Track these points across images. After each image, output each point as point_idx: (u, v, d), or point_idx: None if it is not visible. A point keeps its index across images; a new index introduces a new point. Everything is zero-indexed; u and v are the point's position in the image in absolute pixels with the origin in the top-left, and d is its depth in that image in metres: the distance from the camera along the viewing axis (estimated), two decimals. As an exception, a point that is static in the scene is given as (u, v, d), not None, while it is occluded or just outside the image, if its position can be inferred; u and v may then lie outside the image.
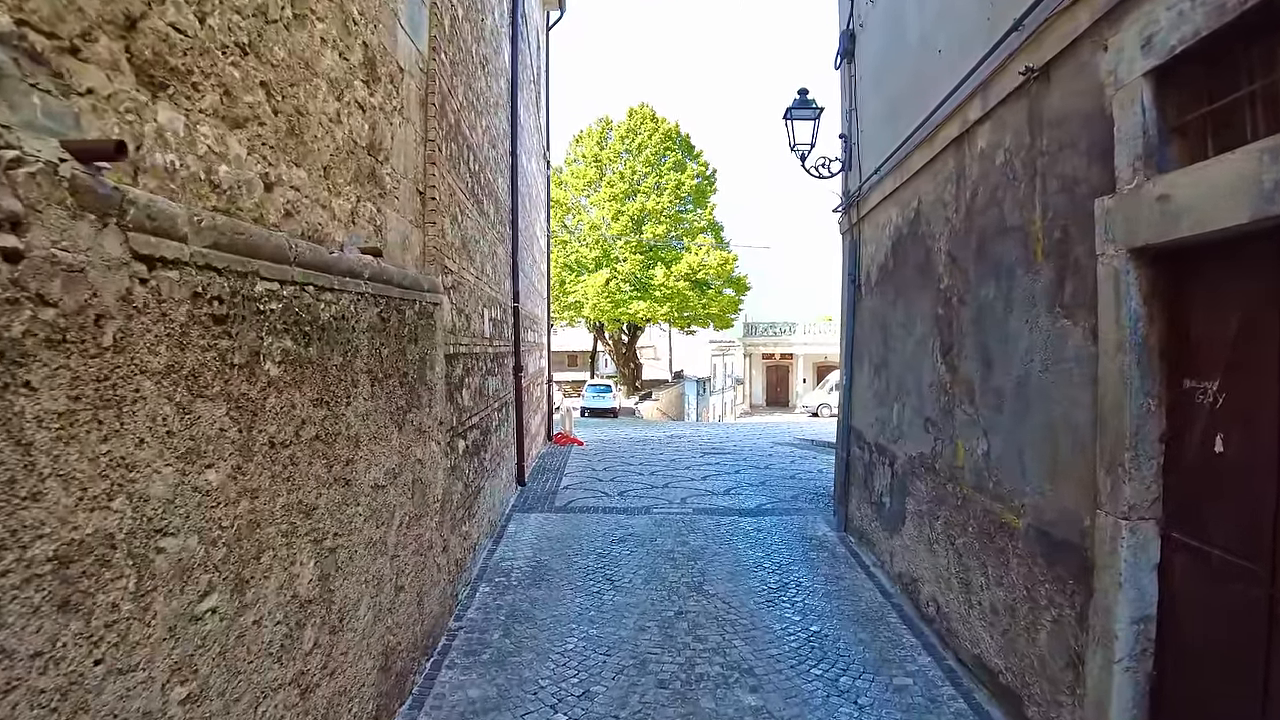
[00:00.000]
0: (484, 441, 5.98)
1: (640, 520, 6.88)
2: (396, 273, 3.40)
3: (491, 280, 6.67)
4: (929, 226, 4.46)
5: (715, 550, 5.86)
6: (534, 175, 12.44)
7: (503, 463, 7.25)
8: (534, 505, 7.63)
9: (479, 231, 5.95)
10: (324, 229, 2.79)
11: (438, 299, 4.14)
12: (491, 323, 6.61)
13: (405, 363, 3.48)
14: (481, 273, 6.03)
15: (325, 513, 2.57)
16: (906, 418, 4.83)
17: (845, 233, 6.88)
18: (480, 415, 5.85)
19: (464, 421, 5.06)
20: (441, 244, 4.41)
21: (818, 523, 6.87)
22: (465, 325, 5.16)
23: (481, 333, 5.93)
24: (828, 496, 8.21)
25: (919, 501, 4.55)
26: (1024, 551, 3.14)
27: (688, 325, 32.67)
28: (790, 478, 9.77)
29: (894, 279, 5.20)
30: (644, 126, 30.47)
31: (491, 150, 6.95)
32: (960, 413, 3.89)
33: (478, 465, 5.63)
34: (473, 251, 5.62)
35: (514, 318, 8.39)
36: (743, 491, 8.53)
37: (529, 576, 5.24)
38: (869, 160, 5.95)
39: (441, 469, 4.21)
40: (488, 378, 6.28)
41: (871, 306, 5.82)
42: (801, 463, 11.52)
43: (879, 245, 5.64)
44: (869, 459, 5.79)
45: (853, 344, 6.40)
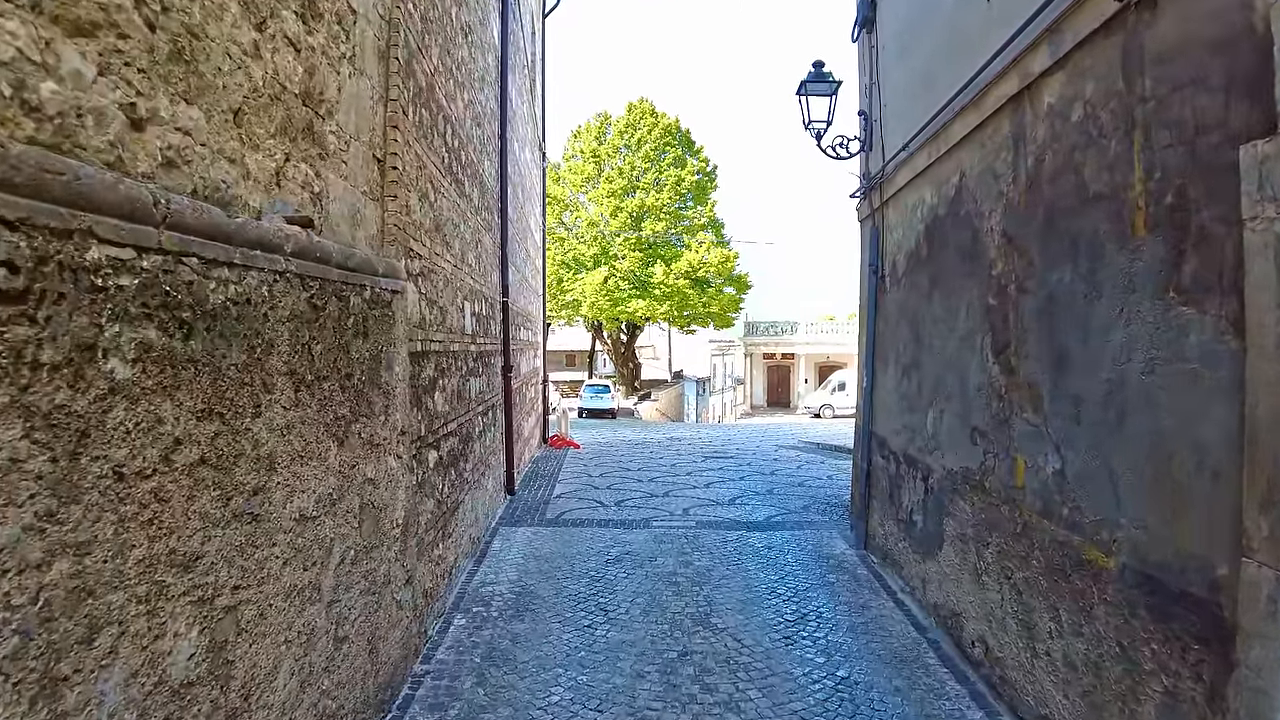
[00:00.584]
0: (464, 450, 5.35)
1: (639, 535, 6.24)
2: (338, 250, 2.76)
3: (475, 271, 6.04)
4: (975, 204, 3.83)
5: (723, 573, 5.23)
6: (527, 165, 11.81)
7: (488, 472, 6.62)
8: (523, 517, 6.99)
9: (458, 215, 5.32)
10: (230, 189, 2.16)
11: (399, 286, 3.50)
12: (475, 318, 5.98)
13: (349, 361, 2.84)
14: (461, 261, 5.40)
15: (218, 561, 1.93)
16: (945, 426, 4.20)
17: (865, 219, 6.24)
18: (460, 421, 5.22)
19: (437, 430, 4.42)
20: (406, 222, 3.78)
21: (833, 539, 6.24)
22: (439, 319, 4.53)
23: (461, 328, 5.30)
24: (841, 508, 7.59)
25: (961, 524, 3.92)
26: (1117, 598, 2.51)
27: (687, 324, 32.03)
28: (798, 485, 9.13)
29: (928, 267, 4.57)
30: (643, 121, 29.84)
31: (476, 129, 6.31)
32: (1020, 422, 3.26)
33: (455, 478, 5.00)
34: (450, 237, 4.98)
35: (503, 314, 7.76)
36: (749, 501, 7.90)
37: (512, 605, 4.60)
38: (894, 137, 5.32)
39: (403, 487, 3.58)
40: (469, 379, 5.65)
41: (898, 299, 5.19)
42: (809, 468, 10.89)
43: (908, 230, 5.00)
44: (895, 471, 5.16)
45: (874, 342, 5.77)
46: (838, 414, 32.42)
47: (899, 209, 5.24)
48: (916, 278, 4.78)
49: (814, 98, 6.12)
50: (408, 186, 3.84)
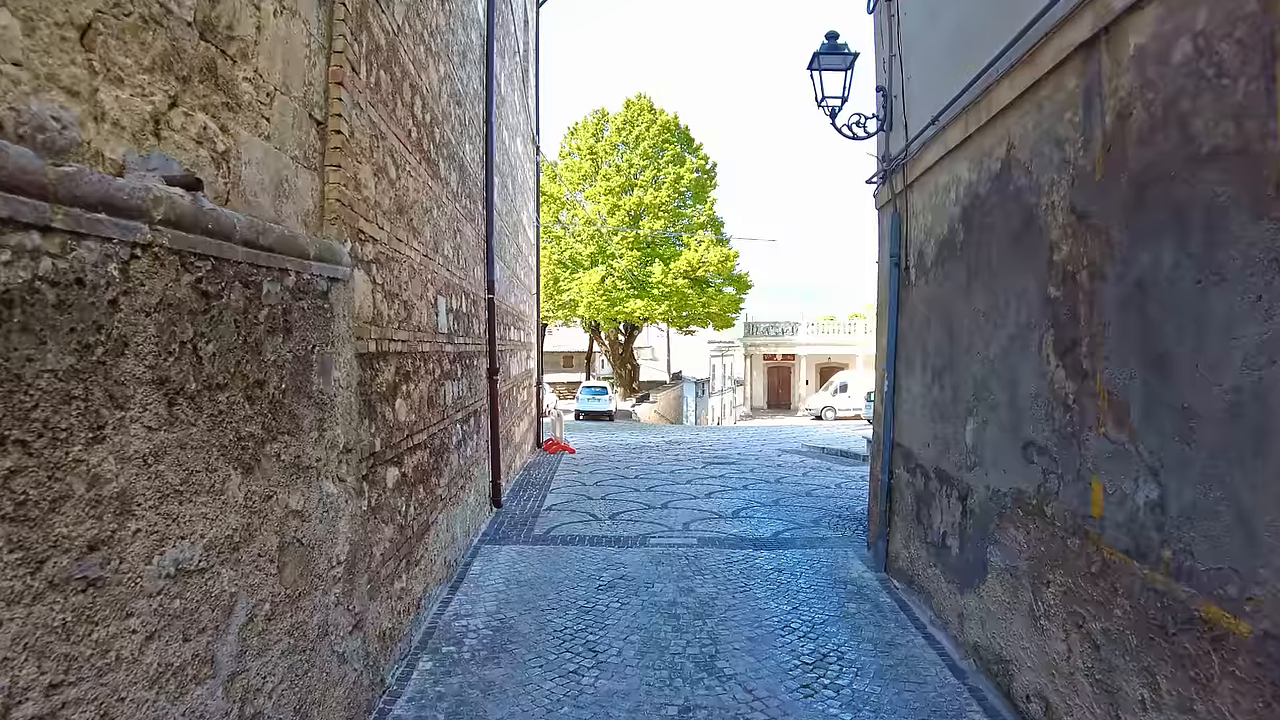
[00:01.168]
0: (437, 464, 4.75)
1: (635, 555, 5.64)
2: (246, 224, 2.17)
3: (452, 263, 5.44)
4: (1029, 178, 3.24)
5: (729, 602, 4.63)
6: (519, 157, 11.23)
7: (469, 484, 6.02)
8: (509, 534, 6.39)
9: (430, 199, 4.72)
10: (67, 131, 1.56)
11: (341, 273, 2.91)
12: (452, 315, 5.38)
13: (261, 365, 2.25)
14: (434, 251, 4.80)
15: (16, 656, 1.34)
16: (989, 439, 3.61)
17: (883, 206, 5.65)
18: (432, 430, 4.62)
19: (398, 443, 3.83)
20: (355, 199, 3.18)
21: (849, 558, 5.64)
22: (401, 314, 3.93)
23: (433, 326, 4.71)
24: (854, 521, 7.00)
25: (1011, 555, 3.32)
26: (1253, 673, 1.92)
27: (687, 325, 31.46)
28: (806, 495, 8.54)
29: (965, 255, 3.98)
30: (641, 118, 29.26)
31: (455, 108, 5.73)
32: (1097, 439, 2.67)
33: (424, 496, 4.40)
34: (419, 222, 4.39)
35: (488, 312, 7.16)
36: (755, 514, 7.31)
37: (487, 644, 4.00)
38: (920, 112, 4.74)
39: (347, 516, 2.98)
40: (445, 383, 5.05)
41: (927, 294, 4.59)
42: (816, 475, 10.30)
43: (938, 215, 4.41)
44: (923, 487, 4.57)
45: (896, 341, 5.18)
46: (839, 416, 31.86)
47: (926, 192, 4.65)
48: (950, 268, 4.19)
49: (828, 72, 5.53)
50: (358, 157, 3.25)
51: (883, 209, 5.70)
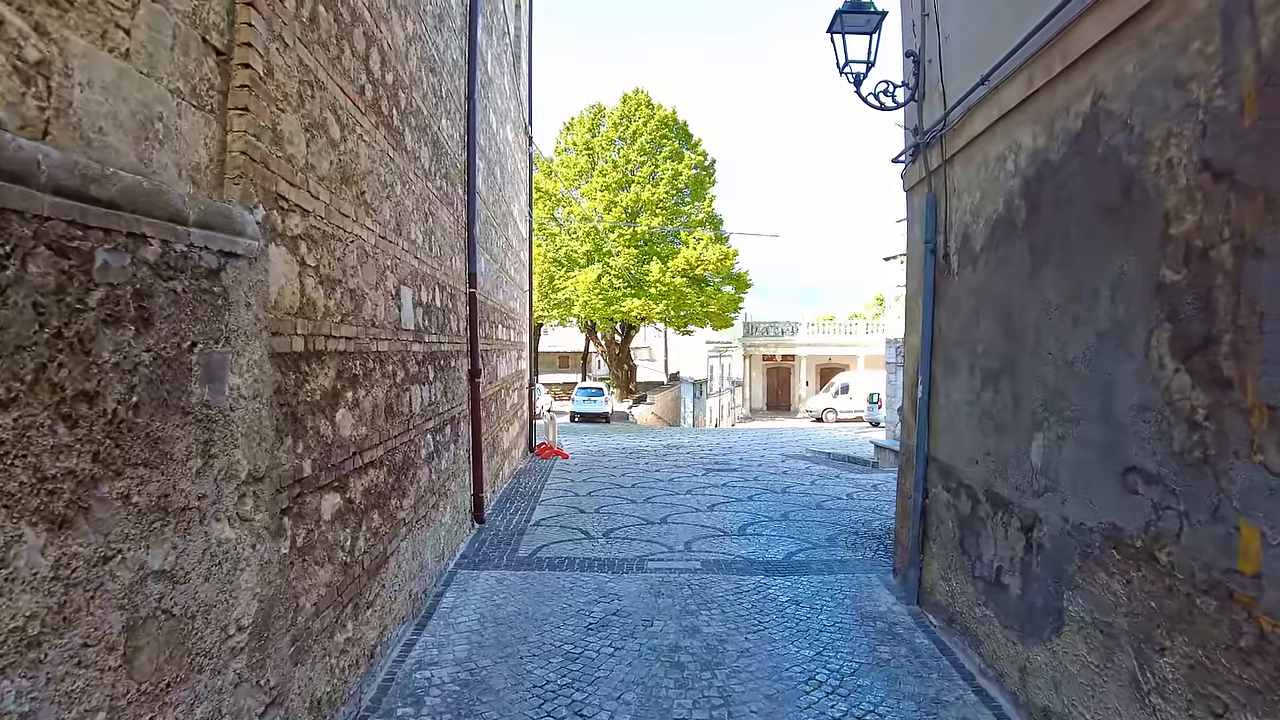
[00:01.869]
0: (398, 483, 4.07)
1: (630, 584, 4.96)
2: (62, 163, 1.48)
3: (422, 250, 4.76)
4: (1131, 132, 2.57)
5: (741, 645, 3.95)
6: (509, 145, 10.55)
7: (444, 502, 5.34)
8: (490, 555, 5.70)
9: (392, 173, 4.04)
10: None
11: (242, 246, 2.22)
12: (422, 309, 4.70)
13: (90, 370, 1.56)
14: (397, 233, 4.11)
15: None
16: (1067, 459, 2.93)
17: (914, 187, 4.98)
18: (392, 444, 3.94)
19: (340, 463, 3.14)
20: (274, 156, 2.49)
21: (874, 587, 4.97)
22: (346, 306, 3.24)
23: (393, 321, 4.02)
24: (873, 539, 6.33)
25: (1102, 606, 2.65)
26: None
27: (685, 325, 30.81)
28: (817, 508, 7.87)
29: (1029, 236, 3.30)
30: (639, 113, 28.62)
31: (429, 75, 5.05)
32: (1248, 468, 2.00)
33: (381, 523, 3.72)
34: (374, 198, 3.70)
35: (469, 307, 6.48)
36: (763, 530, 6.63)
37: (454, 704, 3.31)
38: (961, 75, 4.07)
39: (255, 565, 2.29)
40: (411, 387, 4.37)
41: (974, 283, 3.91)
42: (825, 485, 9.63)
43: (990, 190, 3.74)
44: (969, 511, 3.89)
45: (933, 339, 4.50)
46: (841, 418, 31.20)
47: (973, 165, 3.98)
48: (1007, 252, 3.51)
49: (851, 35, 4.86)
50: (280, 105, 2.56)
51: (913, 190, 5.02)
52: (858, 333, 36.80)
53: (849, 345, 36.44)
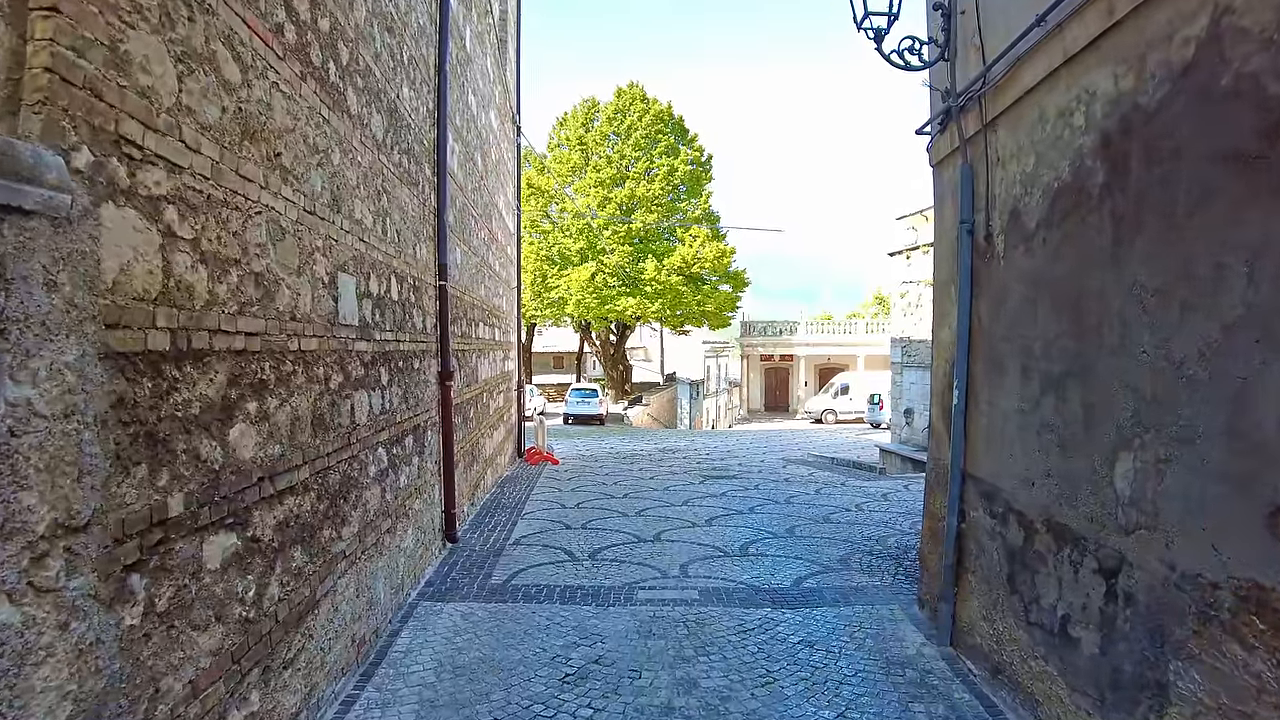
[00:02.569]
0: (334, 509, 3.38)
1: (616, 621, 4.28)
2: None
3: (372, 233, 4.08)
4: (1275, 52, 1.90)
5: (747, 705, 3.28)
6: (493, 133, 9.88)
7: (403, 524, 4.66)
8: (459, 583, 5.02)
9: (327, 138, 3.36)
10: None
11: (37, 198, 1.53)
12: (371, 302, 4.02)
13: None
14: (334, 210, 3.43)
15: None
16: (1176, 487, 2.26)
17: (944, 160, 4.32)
18: (324, 464, 3.26)
19: (237, 494, 2.45)
20: (104, 82, 1.81)
21: (899, 622, 4.31)
22: (246, 293, 2.55)
23: (326, 314, 3.33)
24: (889, 559, 5.67)
25: (1239, 691, 1.99)
26: None
27: (681, 324, 30.15)
28: (824, 520, 7.20)
29: (1109, 204, 2.64)
30: (633, 107, 27.95)
31: (385, 35, 4.39)
32: None
33: (305, 562, 3.03)
34: (297, 163, 3.02)
35: (439, 303, 5.81)
36: (767, 549, 5.96)
37: (387, 793, 2.63)
38: (1006, 23, 3.41)
39: (63, 655, 1.61)
40: (354, 393, 3.69)
41: (1029, 268, 3.24)
42: (830, 494, 8.96)
43: (1050, 153, 3.07)
44: (1020, 541, 3.22)
45: (970, 335, 3.83)
46: (840, 419, 30.56)
47: (1023, 125, 3.31)
48: (1077, 225, 2.85)
49: (871, -17, 4.19)
50: (126, 16, 1.88)
51: (942, 164, 4.36)
52: (857, 332, 36.18)
53: (849, 345, 35.81)
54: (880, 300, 58.51)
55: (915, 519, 7.28)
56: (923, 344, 12.93)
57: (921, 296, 12.96)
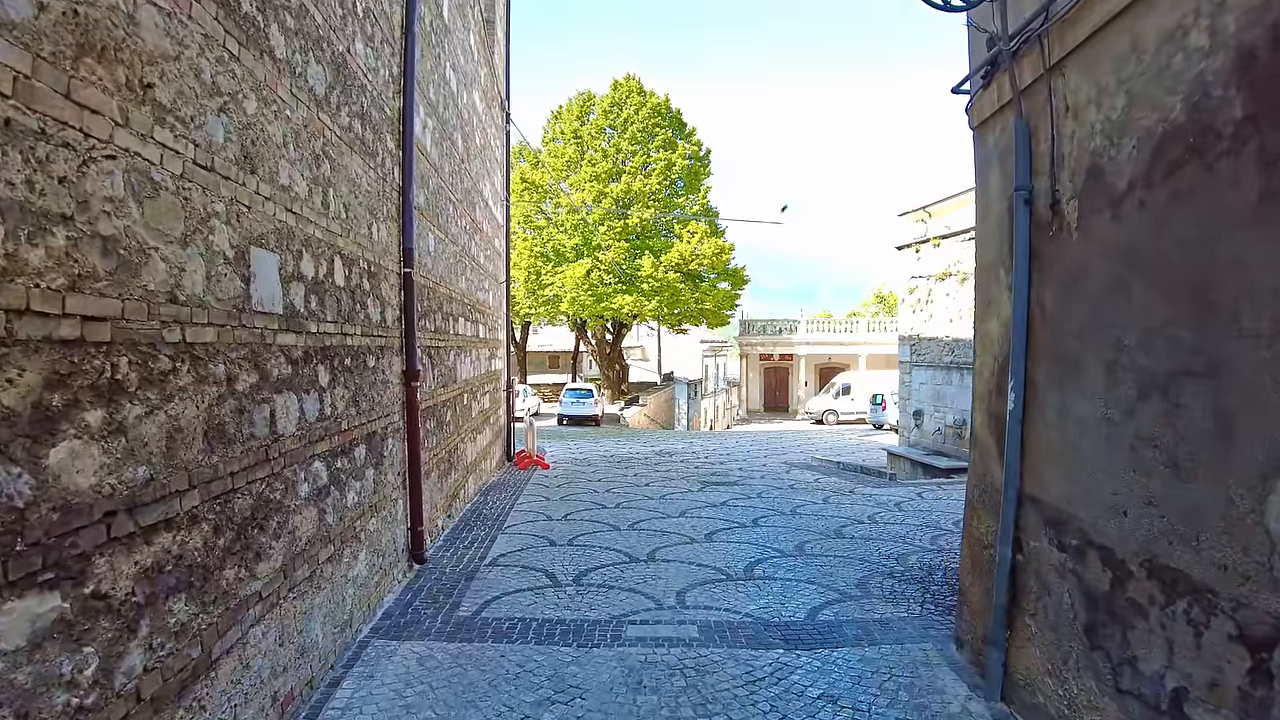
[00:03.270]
0: (239, 544, 2.70)
1: (601, 667, 3.61)
2: None
3: (306, 203, 3.40)
4: None
5: (758, 788, 2.61)
6: (476, 114, 9.21)
7: (351, 549, 3.99)
8: (420, 616, 4.35)
9: (228, 76, 2.67)
10: None
11: None
12: (302, 287, 3.34)
13: None
14: (241, 167, 2.75)
15: None
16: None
17: (990, 118, 3.65)
18: (224, 486, 2.58)
19: (59, 539, 1.77)
20: None
21: (934, 665, 3.64)
22: (91, 263, 1.86)
23: (234, 297, 2.65)
24: (914, 582, 5.00)
25: None
26: None
27: (678, 323, 29.47)
28: (836, 535, 6.54)
29: (1253, 147, 1.96)
30: (630, 100, 27.27)
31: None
32: None
33: (190, 619, 2.34)
34: (176, 99, 2.33)
35: (403, 293, 5.13)
36: (776, 571, 5.29)
37: None
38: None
39: None
40: (273, 397, 3.01)
41: (1117, 238, 2.57)
42: (840, 503, 8.30)
43: (1151, 90, 2.40)
44: (1107, 585, 2.55)
45: (1029, 327, 3.15)
46: (842, 420, 29.92)
47: (1105, 62, 2.64)
48: (1197, 178, 2.17)
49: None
50: None
51: (987, 125, 3.69)
52: (859, 331, 35.53)
53: (850, 344, 35.16)
54: (881, 298, 57.83)
55: (936, 532, 6.62)
56: (933, 342, 12.28)
57: (931, 292, 12.30)
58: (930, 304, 12.30)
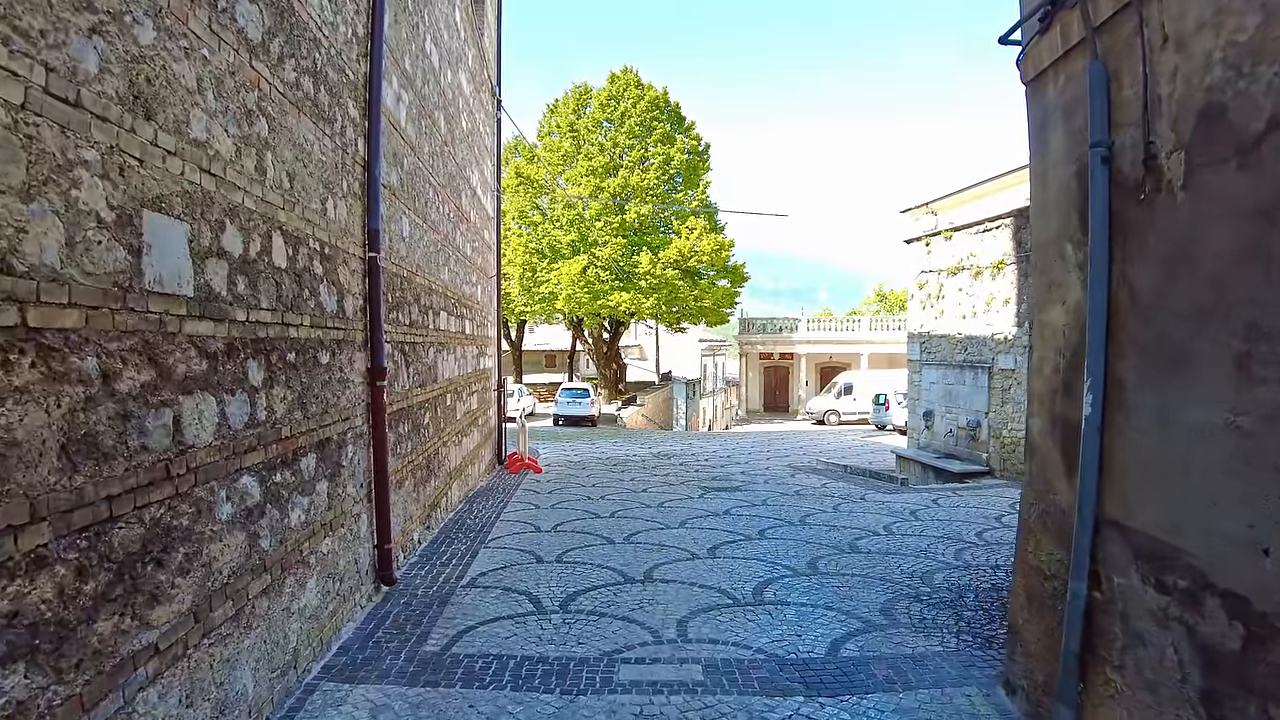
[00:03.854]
0: (128, 586, 2.12)
1: (588, 716, 3.03)
2: None
3: (232, 165, 2.82)
4: None
5: None
6: (461, 94, 8.63)
7: (296, 577, 3.41)
8: (382, 651, 3.76)
9: (130, 8, 2.09)
10: None
11: None
12: (225, 266, 2.77)
13: None
14: (127, 108, 2.16)
15: None
16: None
17: (1050, 69, 3.07)
18: (88, 514, 2.01)
19: None
20: None
21: (982, 717, 3.07)
22: None
23: (109, 270, 2.07)
24: (943, 605, 4.44)
25: None
26: None
27: (677, 320, 28.90)
28: (851, 549, 5.97)
29: None
30: (627, 93, 26.69)
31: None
32: None
33: (39, 692, 1.76)
34: (20, 8, 1.76)
35: (367, 280, 4.56)
36: (788, 594, 4.72)
37: None
38: None
39: None
40: (178, 399, 2.43)
41: (1253, 195, 1.99)
42: (852, 512, 7.73)
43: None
44: (1236, 643, 1.98)
45: (1110, 312, 2.57)
46: (844, 420, 29.37)
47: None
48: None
49: None
50: None
51: (1046, 75, 3.12)
52: (861, 329, 34.98)
53: (852, 343, 34.60)
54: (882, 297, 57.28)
55: (959, 545, 6.06)
56: (944, 339, 11.71)
57: (943, 287, 11.74)
58: (941, 300, 11.74)
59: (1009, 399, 10.21)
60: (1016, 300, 10.04)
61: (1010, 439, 10.19)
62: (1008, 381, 10.24)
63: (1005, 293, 10.27)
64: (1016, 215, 10.10)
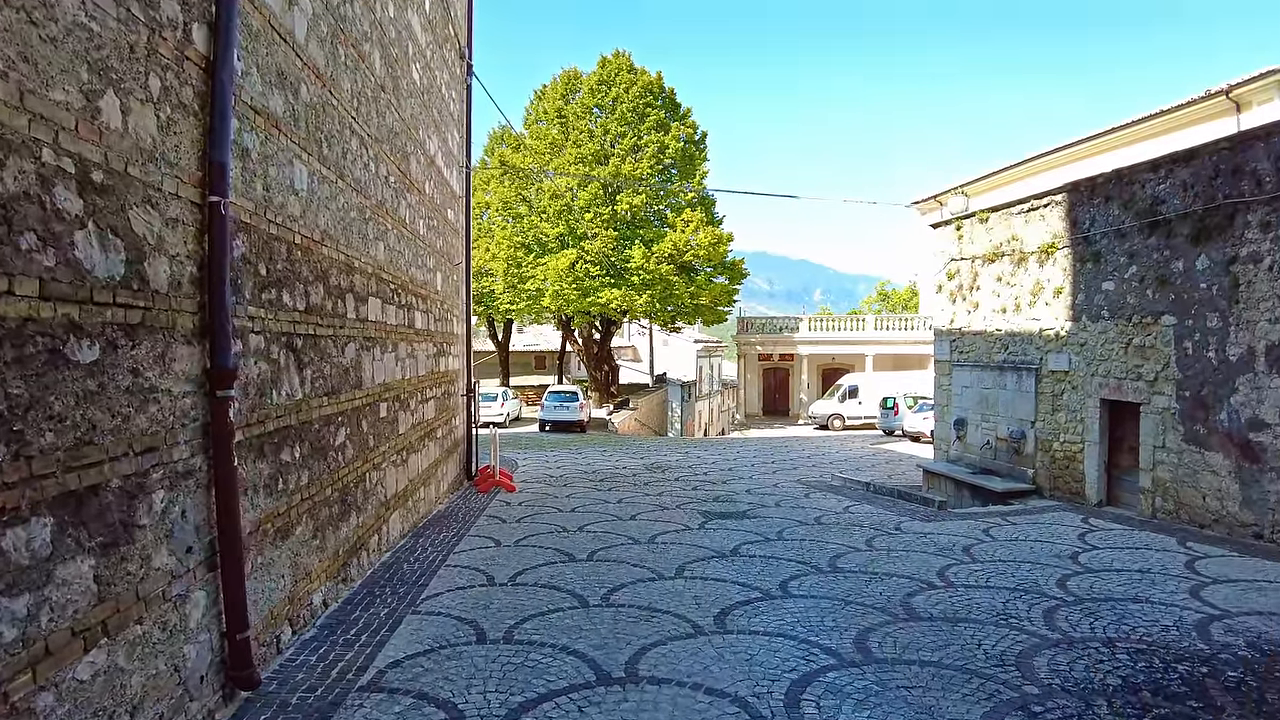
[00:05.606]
0: None
1: None
2: None
3: None
4: None
5: None
6: (415, 42, 7.14)
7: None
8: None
9: None
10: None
11: None
12: None
13: None
14: None
15: None
16: None
17: None
18: None
19: None
20: None
21: None
22: None
23: None
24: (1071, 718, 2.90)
25: None
26: None
27: (672, 319, 27.38)
28: (910, 616, 4.44)
29: None
30: (619, 78, 25.17)
31: None
32: None
33: None
34: None
35: (208, 237, 3.01)
36: (839, 704, 3.19)
37: None
38: None
39: None
40: None
41: None
42: (891, 550, 6.19)
43: None
44: None
45: None
46: (848, 425, 27.90)
47: None
48: None
49: None
50: None
51: None
52: (865, 329, 33.50)
53: (856, 343, 33.11)
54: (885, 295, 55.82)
55: (1045, 603, 4.55)
56: (979, 336, 10.22)
57: (978, 277, 10.25)
58: (976, 291, 10.25)
59: (1061, 405, 8.71)
60: (1071, 290, 8.55)
61: (1062, 452, 8.69)
62: (1060, 385, 8.74)
63: (1057, 281, 8.77)
64: (1070, 190, 8.62)
